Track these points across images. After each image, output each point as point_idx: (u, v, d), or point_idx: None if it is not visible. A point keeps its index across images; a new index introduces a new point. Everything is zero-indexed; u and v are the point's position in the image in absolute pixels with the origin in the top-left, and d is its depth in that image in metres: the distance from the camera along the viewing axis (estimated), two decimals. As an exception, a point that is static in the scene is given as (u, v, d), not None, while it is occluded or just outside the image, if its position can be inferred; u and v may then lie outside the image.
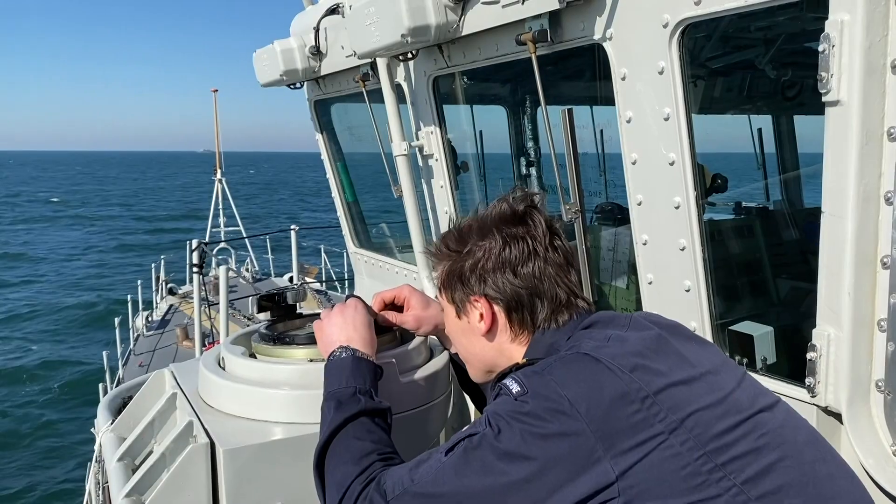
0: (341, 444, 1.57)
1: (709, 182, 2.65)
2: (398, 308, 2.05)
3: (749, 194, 5.52)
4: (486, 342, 1.64)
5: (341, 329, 1.81)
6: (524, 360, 1.56)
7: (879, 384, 1.81)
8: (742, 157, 5.69)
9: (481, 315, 1.61)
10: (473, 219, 1.67)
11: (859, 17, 1.68)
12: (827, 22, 1.74)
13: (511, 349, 1.62)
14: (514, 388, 1.38)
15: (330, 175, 5.47)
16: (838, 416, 1.88)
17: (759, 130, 5.59)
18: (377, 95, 3.93)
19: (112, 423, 2.26)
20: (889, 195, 1.73)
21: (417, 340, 2.10)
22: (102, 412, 2.41)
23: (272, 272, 15.90)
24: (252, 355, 2.09)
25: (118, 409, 2.41)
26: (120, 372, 10.98)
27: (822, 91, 1.76)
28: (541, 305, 1.59)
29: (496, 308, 1.61)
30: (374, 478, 1.47)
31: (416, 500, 1.39)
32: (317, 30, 4.37)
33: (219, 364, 2.09)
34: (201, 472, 1.79)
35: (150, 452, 2.07)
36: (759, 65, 3.80)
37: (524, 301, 1.59)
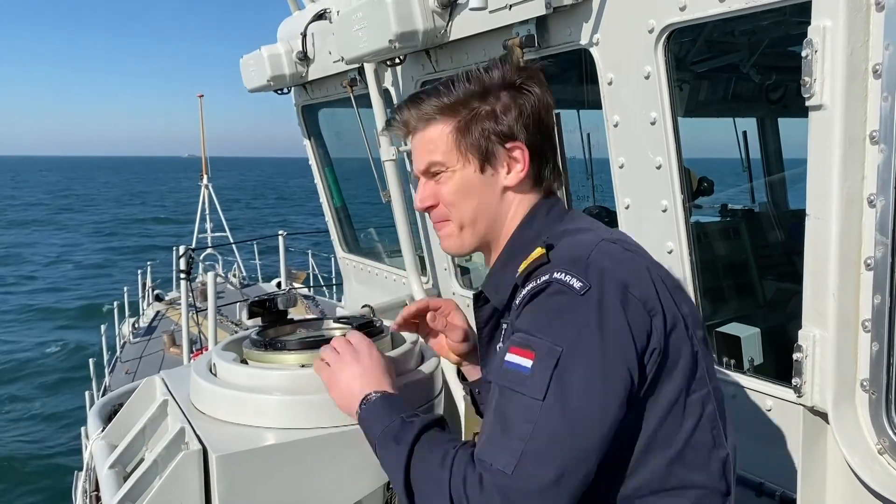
0: (419, 469, 1.39)
1: (695, 185, 2.69)
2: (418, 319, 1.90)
3: (735, 197, 5.59)
4: (498, 199, 1.57)
5: (363, 381, 1.62)
6: (544, 244, 1.46)
7: (864, 384, 1.84)
8: (729, 160, 5.75)
9: (510, 165, 1.56)
10: (480, 75, 1.55)
11: (841, 23, 1.71)
12: (810, 28, 1.77)
13: (513, 210, 1.58)
14: (576, 283, 1.33)
15: (318, 180, 5.47)
16: (824, 416, 1.91)
17: (745, 133, 5.65)
18: (365, 100, 3.93)
19: (103, 431, 2.25)
20: (872, 198, 1.76)
21: (408, 345, 2.11)
22: (93, 419, 2.40)
23: (259, 277, 15.84)
24: (243, 361, 2.09)
25: (108, 416, 2.40)
26: (106, 379, 10.91)
27: (806, 96, 1.79)
28: (547, 164, 1.60)
29: (527, 157, 1.55)
30: (464, 463, 1.31)
31: (540, 456, 1.24)
32: (304, 35, 4.37)
33: (210, 370, 2.09)
34: (194, 478, 1.78)
35: (142, 460, 2.06)
36: (744, 69, 3.85)
37: (546, 155, 1.59)
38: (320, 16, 4.19)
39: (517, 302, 1.44)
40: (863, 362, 1.83)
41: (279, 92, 5.04)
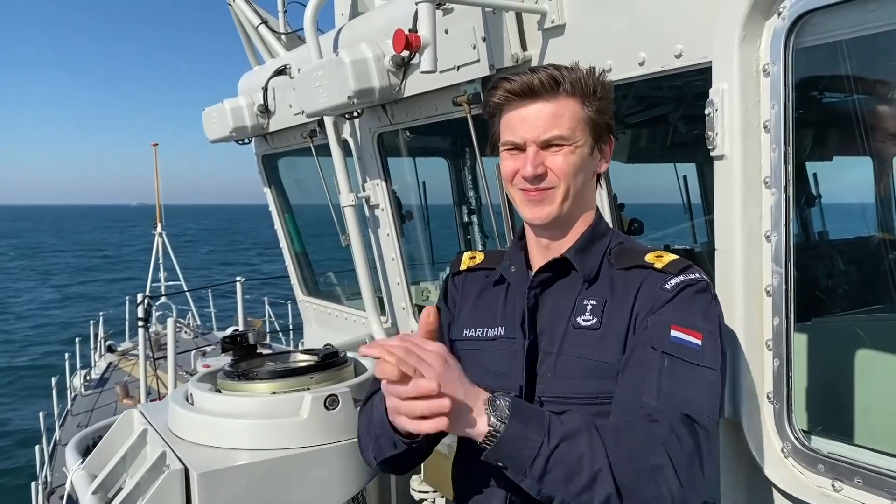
0: (621, 447, 1.45)
1: (626, 227, 2.98)
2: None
3: (679, 237, 5.94)
4: (590, 181, 1.80)
5: (463, 389, 1.44)
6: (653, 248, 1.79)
7: (769, 396, 2.10)
8: (674, 205, 6.11)
9: (605, 155, 1.80)
10: (593, 73, 1.73)
11: (736, 86, 2.02)
12: (711, 90, 2.07)
13: (592, 196, 1.84)
14: (701, 280, 1.67)
15: (278, 226, 5.66)
16: (738, 425, 2.16)
17: (685, 178, 6.03)
18: (324, 150, 4.17)
19: (82, 463, 2.38)
20: (768, 234, 2.04)
21: (370, 371, 2.32)
22: (71, 453, 2.52)
23: (214, 326, 15.69)
24: (217, 391, 2.27)
25: (86, 450, 2.53)
26: (56, 433, 10.64)
27: (710, 147, 2.08)
28: None
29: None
30: (654, 423, 1.48)
31: (717, 407, 1.56)
32: (265, 89, 4.63)
33: (187, 400, 2.26)
34: (176, 497, 1.94)
35: (121, 488, 2.20)
36: (672, 120, 4.20)
37: None
38: (281, 71, 4.46)
39: (666, 286, 1.66)
40: (767, 377, 2.10)
41: (240, 142, 5.27)
